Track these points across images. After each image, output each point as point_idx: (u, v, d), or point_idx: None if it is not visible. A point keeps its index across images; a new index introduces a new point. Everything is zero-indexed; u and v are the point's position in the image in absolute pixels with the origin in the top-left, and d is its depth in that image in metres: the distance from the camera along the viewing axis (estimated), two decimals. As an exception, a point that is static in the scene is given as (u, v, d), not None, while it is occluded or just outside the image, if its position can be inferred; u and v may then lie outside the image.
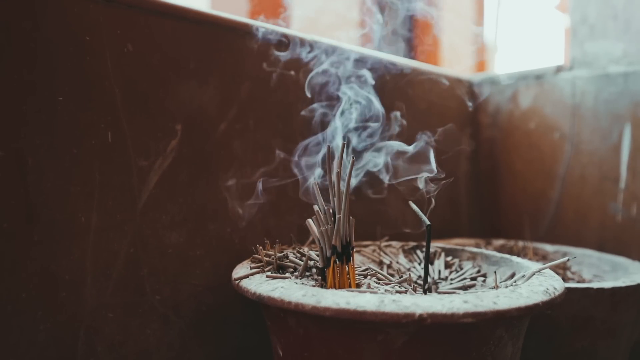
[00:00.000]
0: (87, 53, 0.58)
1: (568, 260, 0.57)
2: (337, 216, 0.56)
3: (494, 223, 1.22)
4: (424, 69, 1.04)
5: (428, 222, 0.56)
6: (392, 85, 0.94)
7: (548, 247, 0.98)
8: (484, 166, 1.23)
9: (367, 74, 0.84)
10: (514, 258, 0.67)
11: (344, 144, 0.57)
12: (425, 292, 0.60)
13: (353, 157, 0.56)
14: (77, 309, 0.57)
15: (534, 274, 0.56)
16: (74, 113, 0.57)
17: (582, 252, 0.92)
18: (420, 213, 0.57)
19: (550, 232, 1.12)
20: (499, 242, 1.01)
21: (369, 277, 0.63)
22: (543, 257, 0.95)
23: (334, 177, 0.56)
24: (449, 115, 1.13)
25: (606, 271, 0.86)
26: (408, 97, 0.98)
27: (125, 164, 0.61)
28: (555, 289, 0.50)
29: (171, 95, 0.65)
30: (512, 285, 0.57)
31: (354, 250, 0.59)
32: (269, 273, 0.57)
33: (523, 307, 0.45)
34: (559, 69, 1.10)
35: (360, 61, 0.85)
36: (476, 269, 0.70)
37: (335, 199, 0.57)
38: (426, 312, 0.43)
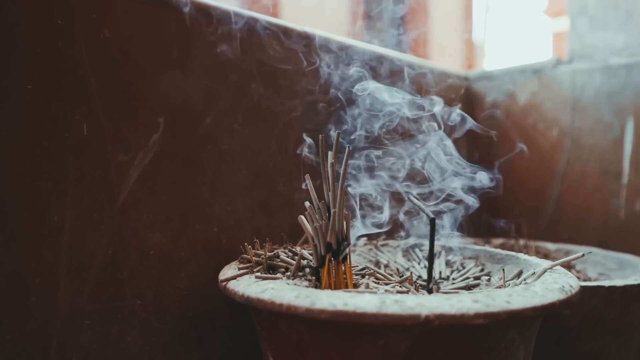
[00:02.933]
0: (59, 38, 0.53)
1: (583, 255, 0.53)
2: (331, 211, 0.52)
3: (492, 221, 1.18)
4: (417, 63, 1.00)
5: (432, 215, 0.52)
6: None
7: (550, 246, 0.94)
8: (481, 163, 1.19)
9: (361, 67, 0.80)
10: (520, 255, 0.63)
11: (338, 134, 0.53)
12: (429, 292, 0.56)
13: (349, 147, 0.52)
14: (49, 316, 0.52)
15: (545, 271, 0.52)
16: (45, 103, 0.52)
17: (586, 249, 0.88)
18: (423, 206, 0.53)
19: (550, 230, 1.08)
20: (498, 240, 0.97)
21: (367, 276, 0.59)
22: (545, 256, 0.92)
23: (328, 168, 0.52)
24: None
25: (612, 269, 0.82)
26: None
27: (102, 158, 0.57)
28: (571, 286, 0.46)
29: (153, 86, 0.61)
30: (522, 283, 0.53)
31: (351, 247, 0.54)
32: (258, 274, 0.53)
33: (539, 307, 0.41)
34: (557, 63, 1.07)
35: (353, 54, 0.81)
36: (479, 268, 0.66)
37: (329, 193, 0.53)
38: (433, 314, 0.39)
